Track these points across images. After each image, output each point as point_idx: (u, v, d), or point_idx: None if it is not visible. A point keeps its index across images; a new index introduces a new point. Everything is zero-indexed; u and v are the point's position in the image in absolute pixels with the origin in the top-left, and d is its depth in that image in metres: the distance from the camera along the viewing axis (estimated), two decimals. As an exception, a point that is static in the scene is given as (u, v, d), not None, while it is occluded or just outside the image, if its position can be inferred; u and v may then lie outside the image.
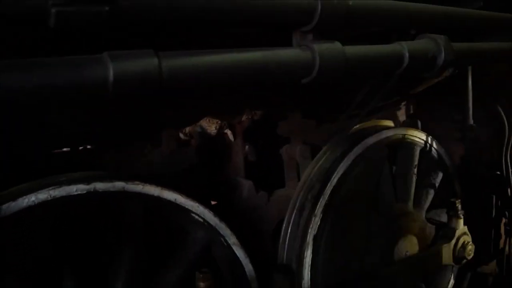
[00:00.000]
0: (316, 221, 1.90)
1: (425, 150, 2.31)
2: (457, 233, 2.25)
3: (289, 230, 1.95)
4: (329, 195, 1.93)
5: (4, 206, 1.07)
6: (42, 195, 1.14)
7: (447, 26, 1.53)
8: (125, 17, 0.94)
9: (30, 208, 1.11)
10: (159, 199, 1.43)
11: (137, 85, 0.95)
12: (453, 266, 2.40)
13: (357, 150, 2.02)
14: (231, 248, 1.64)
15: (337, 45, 1.27)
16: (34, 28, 0.88)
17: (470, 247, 2.27)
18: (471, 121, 2.36)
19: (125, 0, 0.93)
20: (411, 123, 2.38)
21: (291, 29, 1.30)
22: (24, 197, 1.11)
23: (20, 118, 1.15)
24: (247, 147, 2.52)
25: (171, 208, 1.49)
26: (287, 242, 1.95)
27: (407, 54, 1.36)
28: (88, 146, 1.79)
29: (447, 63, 1.41)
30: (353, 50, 1.30)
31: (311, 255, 1.90)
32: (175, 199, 1.46)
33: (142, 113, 1.61)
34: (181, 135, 1.96)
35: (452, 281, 2.50)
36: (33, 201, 1.11)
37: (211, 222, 1.58)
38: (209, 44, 1.14)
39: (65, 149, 1.75)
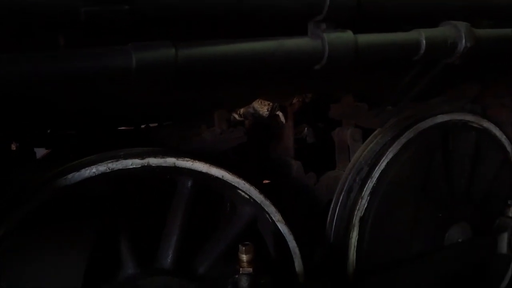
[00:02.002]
0: (363, 203, 1.94)
1: (484, 136, 2.23)
2: (515, 222, 2.18)
3: (336, 211, 2.00)
4: (377, 178, 1.95)
5: (70, 176, 1.24)
6: (102, 167, 1.29)
7: (471, 14, 1.49)
8: (142, 13, 1.09)
9: (91, 179, 1.27)
10: (207, 175, 1.54)
11: (156, 72, 1.08)
12: (511, 258, 2.33)
13: (409, 134, 2.01)
14: (276, 224, 1.73)
15: (348, 34, 1.32)
16: (68, 24, 1.04)
17: (529, 238, 2.18)
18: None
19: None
20: (471, 108, 2.30)
21: (305, 19, 1.37)
22: (87, 168, 1.27)
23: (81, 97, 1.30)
24: (306, 129, 2.60)
25: (219, 184, 1.60)
26: (334, 222, 2.00)
27: (424, 41, 1.38)
28: (149, 125, 1.96)
29: (467, 49, 1.39)
30: (365, 38, 1.34)
31: (357, 236, 1.94)
32: (222, 176, 1.57)
33: (198, 94, 1.72)
34: (236, 116, 2.06)
35: (510, 273, 2.42)
36: (94, 172, 1.27)
37: (257, 199, 1.67)
38: (228, 34, 1.24)
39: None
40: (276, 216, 1.72)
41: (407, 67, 1.61)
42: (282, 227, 1.74)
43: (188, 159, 1.50)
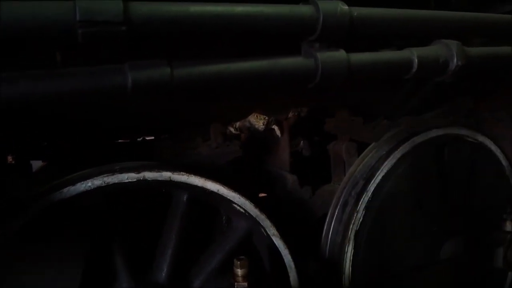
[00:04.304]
0: (358, 217, 1.94)
1: (479, 150, 2.25)
2: (510, 236, 2.18)
3: (332, 225, 2.01)
4: (372, 192, 1.96)
5: (65, 190, 1.25)
6: (98, 181, 1.30)
7: (463, 32, 1.52)
8: (139, 34, 1.11)
9: (87, 192, 1.28)
10: (203, 189, 1.55)
11: (152, 91, 1.10)
12: (508, 271, 2.33)
13: (404, 148, 2.02)
14: (271, 238, 1.73)
15: (340, 53, 1.34)
16: (65, 44, 1.07)
17: (524, 252, 2.19)
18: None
19: (139, 21, 1.09)
20: (465, 122, 2.32)
21: (299, 39, 1.39)
22: (82, 182, 1.28)
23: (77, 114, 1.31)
24: (302, 142, 2.61)
25: (215, 198, 1.61)
26: (329, 236, 2.00)
27: (416, 60, 1.40)
28: (146, 138, 1.97)
29: (459, 67, 1.41)
30: (358, 57, 1.36)
31: (353, 250, 1.94)
32: (218, 190, 1.58)
33: (194, 109, 1.74)
34: (232, 129, 2.08)
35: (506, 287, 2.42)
36: (89, 186, 1.28)
37: (252, 213, 1.68)
38: (225, 53, 1.27)
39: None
40: (271, 230, 1.73)
41: (401, 83, 1.63)
42: (277, 241, 1.75)
43: (183, 173, 1.51)
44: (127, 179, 1.37)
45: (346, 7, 1.37)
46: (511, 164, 2.37)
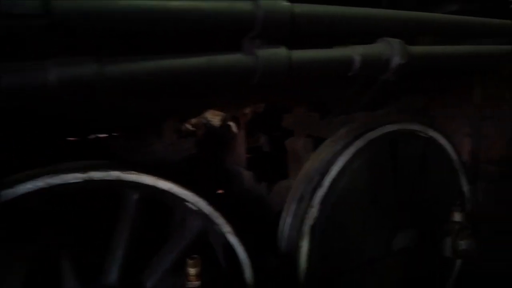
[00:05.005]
0: (313, 212, 1.96)
1: (430, 145, 2.31)
2: (458, 226, 2.26)
3: (287, 220, 2.02)
4: (327, 187, 1.98)
5: (3, 193, 1.19)
6: (39, 183, 1.25)
7: (408, 31, 1.54)
8: (62, 28, 1.05)
9: (27, 195, 1.22)
10: (154, 188, 1.52)
11: (78, 88, 1.05)
12: (456, 260, 2.42)
13: (359, 143, 2.05)
14: (225, 236, 1.72)
15: (281, 50, 1.34)
16: None
17: (471, 242, 2.27)
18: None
19: (61, 14, 1.04)
20: (418, 118, 2.37)
21: (240, 36, 1.38)
22: (22, 184, 1.23)
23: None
24: (262, 138, 2.62)
25: (167, 197, 1.58)
26: (285, 232, 2.01)
27: (357, 58, 1.41)
28: (98, 135, 1.92)
29: (401, 66, 1.43)
30: (299, 54, 1.36)
31: (308, 244, 1.96)
32: (170, 188, 1.55)
33: (149, 106, 1.70)
34: (188, 126, 2.05)
35: (455, 275, 2.51)
36: (29, 188, 1.23)
37: (206, 211, 1.66)
38: (158, 49, 1.23)
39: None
40: (226, 228, 1.72)
41: (353, 80, 1.65)
42: (232, 239, 1.74)
43: (133, 172, 1.47)
44: (72, 179, 1.32)
45: (287, 3, 1.35)
46: (460, 158, 2.45)
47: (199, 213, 1.65)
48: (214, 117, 2.00)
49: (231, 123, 2.03)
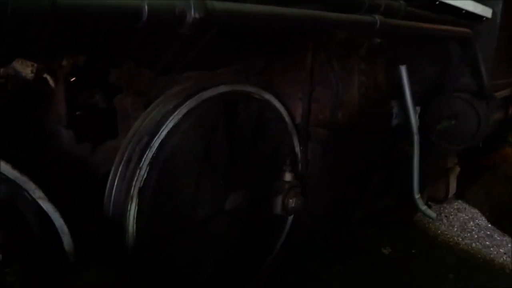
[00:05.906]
0: (142, 174, 1.87)
1: (265, 107, 2.37)
2: (288, 185, 2.39)
3: (115, 183, 1.89)
4: (156, 148, 1.89)
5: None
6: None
7: None
8: None
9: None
10: None
11: None
12: (286, 217, 2.57)
13: (190, 103, 2.00)
14: (37, 202, 1.54)
15: None
16: None
17: (300, 199, 2.43)
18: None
19: None
20: (255, 80, 2.41)
21: None
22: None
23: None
24: (96, 95, 2.39)
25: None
26: (112, 195, 1.89)
27: (145, 8, 1.32)
28: None
29: (197, 20, 1.40)
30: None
31: (136, 207, 1.87)
32: (-43, 149, 1.31)
33: None
34: (-5, 77, 1.76)
35: (286, 231, 2.68)
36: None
37: (10, 175, 1.46)
38: None
39: None
40: (37, 193, 1.53)
41: (176, 35, 1.56)
42: (46, 205, 1.56)
43: None
44: None
45: None
46: (293, 121, 2.57)
47: (2, 177, 1.43)
48: (24, 68, 1.73)
49: (47, 76, 1.79)
